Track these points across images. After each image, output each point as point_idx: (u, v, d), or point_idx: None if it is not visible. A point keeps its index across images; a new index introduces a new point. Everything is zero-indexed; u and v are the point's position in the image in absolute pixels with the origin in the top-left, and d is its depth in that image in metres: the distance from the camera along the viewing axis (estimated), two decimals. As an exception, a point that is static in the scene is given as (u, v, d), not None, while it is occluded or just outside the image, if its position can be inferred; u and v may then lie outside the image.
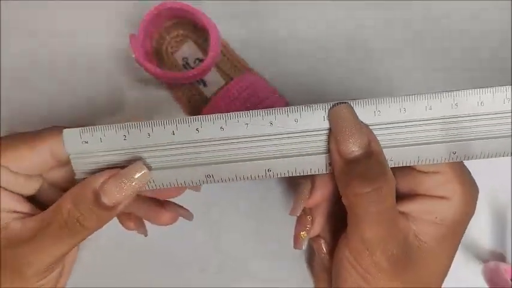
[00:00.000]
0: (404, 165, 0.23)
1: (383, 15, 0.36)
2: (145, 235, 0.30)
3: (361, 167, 0.21)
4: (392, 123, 0.22)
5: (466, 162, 0.24)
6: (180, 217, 0.28)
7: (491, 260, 0.35)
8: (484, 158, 0.22)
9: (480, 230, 0.36)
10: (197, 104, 0.35)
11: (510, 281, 0.32)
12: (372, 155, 0.21)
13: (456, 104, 0.21)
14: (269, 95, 0.34)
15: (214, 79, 0.36)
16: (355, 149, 0.21)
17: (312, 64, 0.36)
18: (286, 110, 0.22)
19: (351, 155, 0.21)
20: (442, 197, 0.23)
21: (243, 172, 0.22)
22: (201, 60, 0.36)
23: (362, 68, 0.36)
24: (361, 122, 0.22)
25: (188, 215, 0.29)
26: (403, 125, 0.22)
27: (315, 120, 0.22)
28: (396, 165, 0.23)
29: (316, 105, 0.22)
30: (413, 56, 0.36)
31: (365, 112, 0.22)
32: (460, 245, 0.36)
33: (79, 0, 0.36)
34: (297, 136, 0.22)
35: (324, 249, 0.26)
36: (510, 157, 0.35)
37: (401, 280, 0.23)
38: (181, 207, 0.28)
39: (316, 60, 0.36)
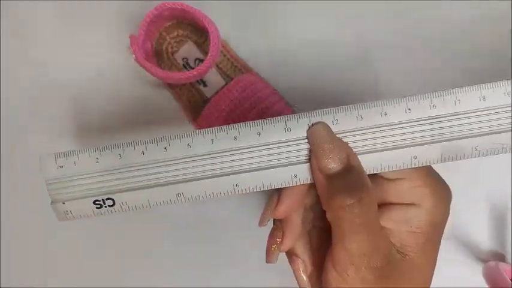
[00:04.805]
0: (375, 172, 0.23)
1: (384, 17, 0.36)
2: None
3: (342, 180, 0.22)
4: (351, 131, 0.22)
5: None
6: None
7: (491, 260, 0.36)
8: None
9: (480, 230, 0.36)
10: (197, 104, 0.35)
11: (510, 281, 0.32)
12: (351, 169, 0.22)
13: (410, 109, 0.22)
14: (269, 95, 0.34)
15: (214, 79, 0.36)
16: (335, 165, 0.22)
17: (313, 64, 0.36)
18: (248, 124, 0.22)
19: (332, 171, 0.22)
20: (412, 204, 0.23)
21: (212, 189, 0.23)
22: (201, 60, 0.36)
23: (362, 69, 0.36)
24: (339, 137, 0.22)
25: None
26: (362, 132, 0.22)
27: (277, 132, 0.22)
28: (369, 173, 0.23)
29: (277, 119, 0.22)
30: (416, 58, 0.36)
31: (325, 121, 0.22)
32: (460, 245, 0.36)
33: (80, 0, 0.36)
34: (260, 149, 0.22)
35: (301, 271, 0.26)
36: (510, 157, 0.35)
37: None
38: None
39: (317, 60, 0.36)
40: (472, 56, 0.36)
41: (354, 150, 0.22)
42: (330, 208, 0.22)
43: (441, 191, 0.24)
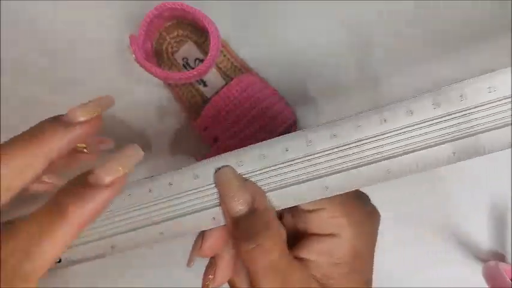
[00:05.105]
0: (288, 207, 0.23)
1: (384, 17, 0.36)
2: None
3: (244, 224, 0.22)
4: (257, 171, 0.22)
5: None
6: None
7: (491, 259, 0.36)
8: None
9: (480, 230, 0.36)
10: (197, 104, 0.35)
11: (510, 281, 0.32)
12: (255, 211, 0.22)
13: (310, 141, 0.22)
14: (269, 95, 0.34)
15: (214, 79, 0.36)
16: (240, 208, 0.22)
17: (313, 64, 0.36)
18: (161, 176, 0.23)
19: (238, 214, 0.22)
20: (332, 234, 0.23)
21: (140, 239, 0.23)
22: (201, 60, 0.36)
23: (362, 69, 0.36)
24: (245, 179, 0.22)
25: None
26: (267, 170, 0.22)
27: (186, 181, 0.23)
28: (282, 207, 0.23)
29: (185, 169, 0.23)
30: (416, 58, 0.36)
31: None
32: (459, 245, 0.36)
33: (79, 0, 0.36)
34: (173, 199, 0.23)
35: None
36: (510, 157, 0.35)
37: None
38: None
39: (317, 60, 0.36)
40: (472, 56, 0.36)
41: (262, 188, 0.22)
42: (238, 252, 0.22)
43: (361, 219, 0.23)
